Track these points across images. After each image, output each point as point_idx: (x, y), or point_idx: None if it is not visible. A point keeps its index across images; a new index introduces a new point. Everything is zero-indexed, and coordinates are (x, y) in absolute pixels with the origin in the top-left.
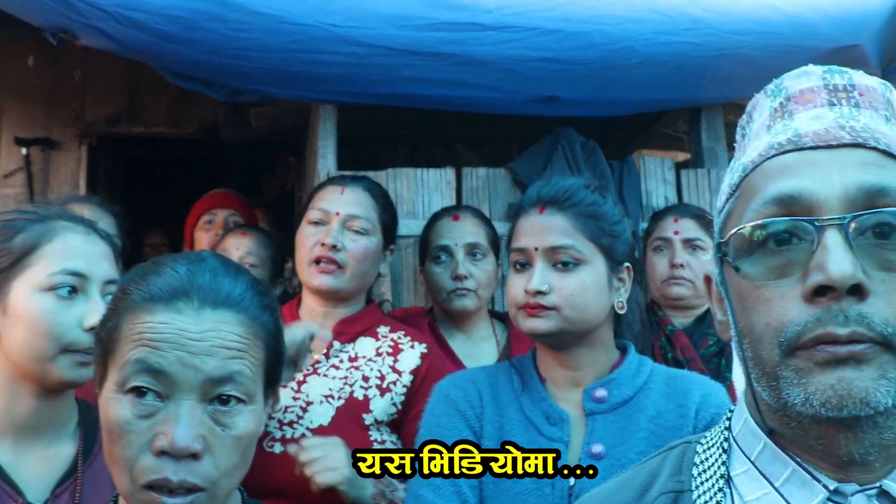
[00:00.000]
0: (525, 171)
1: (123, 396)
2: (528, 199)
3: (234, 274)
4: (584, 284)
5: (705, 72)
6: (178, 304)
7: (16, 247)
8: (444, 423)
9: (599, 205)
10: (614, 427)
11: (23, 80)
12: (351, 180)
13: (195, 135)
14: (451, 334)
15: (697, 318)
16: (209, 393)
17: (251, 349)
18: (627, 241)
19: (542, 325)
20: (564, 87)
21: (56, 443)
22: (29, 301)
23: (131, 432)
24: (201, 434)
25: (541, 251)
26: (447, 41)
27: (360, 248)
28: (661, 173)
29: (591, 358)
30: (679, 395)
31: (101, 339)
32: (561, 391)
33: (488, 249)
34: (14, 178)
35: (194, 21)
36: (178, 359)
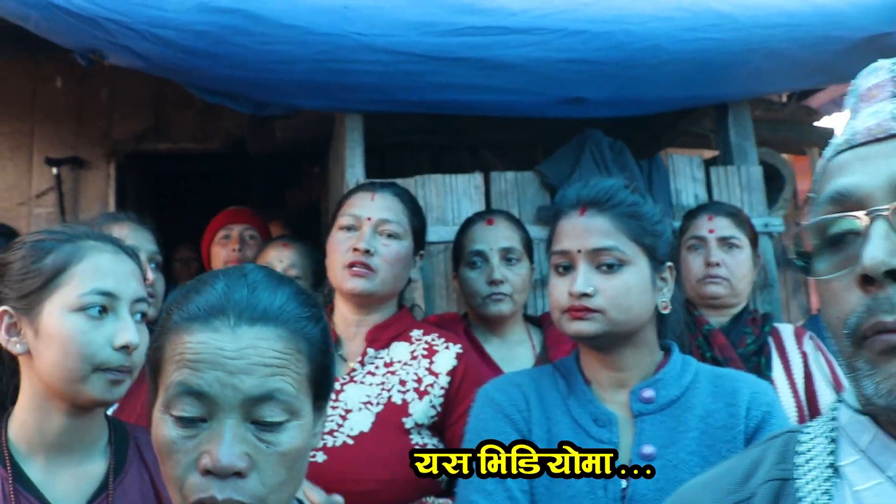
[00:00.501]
0: (553, 173)
1: (169, 417)
2: (567, 201)
3: (276, 286)
4: (629, 285)
5: (732, 67)
6: (215, 322)
7: (46, 268)
8: (491, 427)
9: (640, 204)
10: (663, 427)
11: (52, 101)
12: (380, 186)
13: (221, 149)
14: (486, 339)
15: (734, 317)
16: (250, 411)
17: (292, 364)
18: (669, 240)
19: (587, 327)
20: (591, 88)
21: (87, 460)
22: (60, 322)
23: (178, 451)
24: (245, 452)
25: (584, 253)
26: (472, 46)
27: (391, 252)
28: (690, 171)
29: (636, 359)
30: (727, 393)
31: (150, 359)
32: (607, 393)
33: (523, 253)
34: (46, 197)
35: (220, 36)
36: (216, 379)
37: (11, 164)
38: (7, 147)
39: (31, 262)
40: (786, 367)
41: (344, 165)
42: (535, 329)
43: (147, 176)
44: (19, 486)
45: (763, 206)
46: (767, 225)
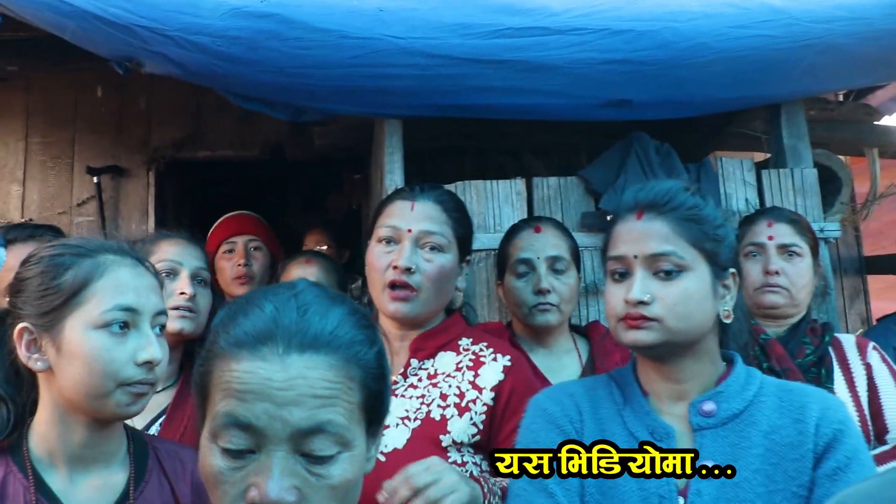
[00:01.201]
0: (598, 178)
1: (216, 447)
2: (624, 205)
3: (327, 307)
4: (688, 293)
5: (785, 65)
6: (263, 349)
7: (66, 284)
8: (542, 439)
9: (701, 208)
10: (725, 443)
11: (92, 110)
12: (420, 192)
13: (260, 156)
14: (531, 349)
15: (792, 327)
16: (300, 444)
17: (344, 393)
18: (732, 245)
19: (644, 337)
20: (636, 90)
21: (107, 471)
22: (83, 339)
23: (225, 482)
24: (295, 486)
25: (640, 259)
26: (512, 48)
27: (435, 267)
28: (741, 175)
29: (697, 370)
30: (794, 409)
31: (196, 383)
32: (665, 405)
33: (570, 262)
34: (86, 206)
35: (255, 41)
36: (264, 411)
37: (53, 173)
38: (49, 156)
39: (50, 278)
40: (848, 380)
41: (383, 172)
42: (581, 339)
43: (186, 184)
44: (41, 497)
45: (818, 210)
46: (823, 230)
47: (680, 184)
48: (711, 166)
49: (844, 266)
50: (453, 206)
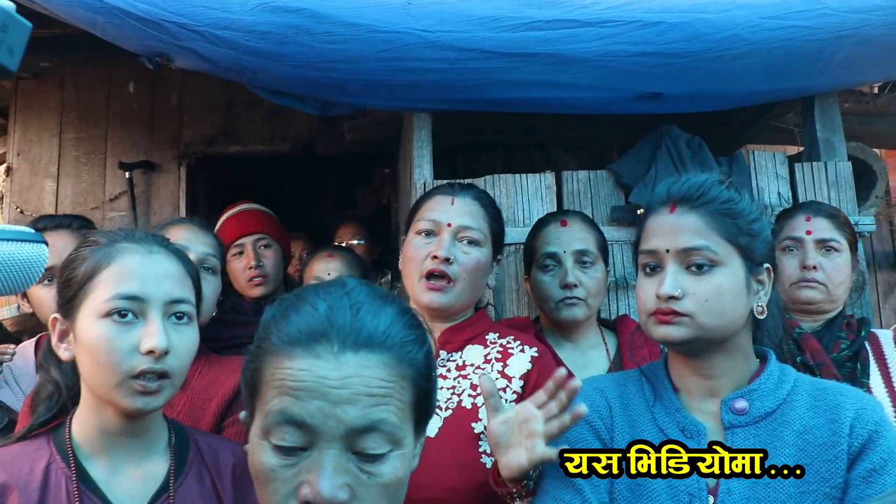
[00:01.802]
0: (628, 172)
1: (267, 444)
2: (657, 198)
3: (379, 306)
4: (721, 288)
5: (820, 57)
6: (317, 348)
7: (80, 274)
8: (572, 435)
9: (735, 201)
10: (757, 442)
11: (124, 106)
12: (460, 189)
13: (290, 151)
14: (558, 344)
15: (827, 322)
16: (353, 442)
17: (397, 392)
18: (767, 240)
19: (675, 332)
20: (667, 83)
21: (147, 461)
22: (90, 329)
23: (277, 479)
24: (346, 483)
25: (672, 253)
26: (542, 40)
27: (472, 260)
28: (773, 168)
29: (729, 366)
30: (829, 408)
31: (246, 379)
32: (696, 402)
33: (598, 256)
34: (119, 201)
35: (284, 35)
36: (318, 409)
37: (86, 168)
38: (82, 152)
39: (70, 269)
40: (884, 375)
41: (412, 166)
42: (609, 333)
43: (217, 179)
44: (83, 486)
45: (853, 203)
46: (858, 224)
47: (714, 177)
48: (743, 159)
49: (878, 260)
50: (490, 203)
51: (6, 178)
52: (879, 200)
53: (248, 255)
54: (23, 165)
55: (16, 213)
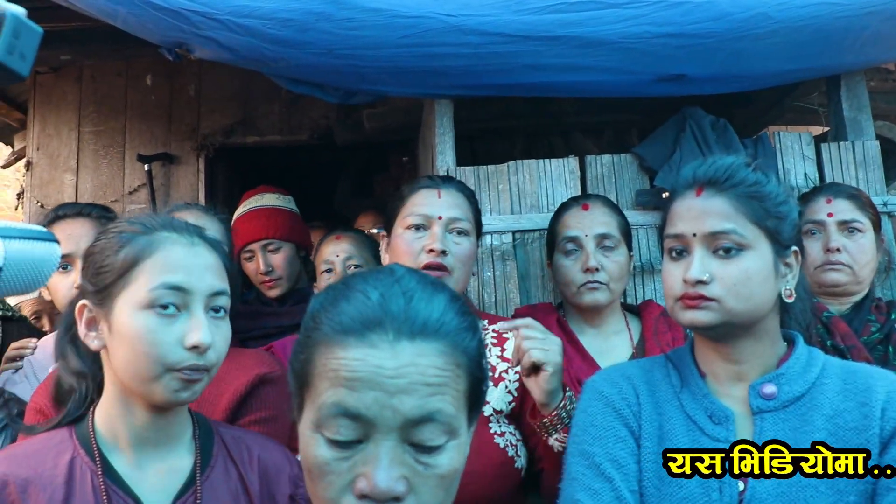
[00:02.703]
0: (652, 155)
1: (320, 437)
2: (683, 181)
3: (431, 293)
4: (748, 272)
5: (847, 34)
6: (372, 336)
7: (118, 262)
8: (600, 423)
9: (763, 184)
10: (787, 427)
11: (142, 98)
12: (443, 182)
13: (308, 140)
14: (581, 329)
15: (855, 305)
16: (409, 433)
17: (452, 381)
18: (794, 222)
19: (702, 317)
20: (692, 64)
21: (172, 455)
22: (131, 319)
23: (331, 473)
24: (403, 475)
25: (699, 237)
26: (566, 23)
27: (464, 250)
28: (800, 149)
29: (757, 351)
30: (860, 391)
31: (295, 370)
32: (723, 387)
33: (620, 240)
34: (138, 193)
35: (305, 22)
36: (374, 400)
37: (105, 161)
38: (101, 145)
39: (106, 255)
40: None
41: (434, 153)
42: (633, 318)
43: (236, 169)
44: (108, 480)
45: (881, 183)
46: (886, 204)
47: (741, 159)
48: (769, 141)
49: None
50: (470, 194)
51: (26, 173)
52: None
53: (258, 261)
54: (42, 160)
55: (36, 207)
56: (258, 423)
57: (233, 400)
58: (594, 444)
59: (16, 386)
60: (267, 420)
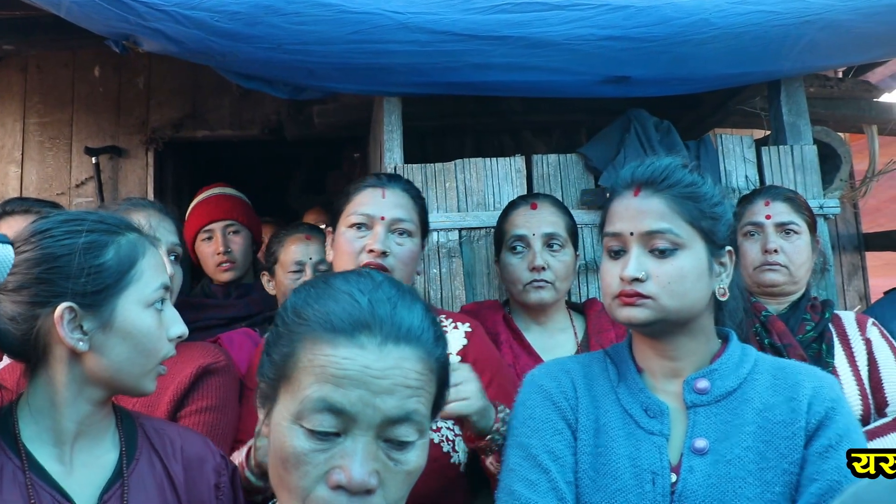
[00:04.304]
0: (597, 155)
1: (300, 428)
2: (621, 181)
3: (410, 302)
4: (683, 271)
5: (785, 41)
6: (361, 338)
7: (112, 262)
8: (538, 415)
9: (699, 185)
10: (718, 420)
11: (90, 90)
12: (389, 181)
13: (259, 135)
14: (527, 326)
15: (792, 304)
16: (385, 430)
17: (426, 385)
18: (729, 223)
19: (638, 314)
20: (635, 66)
21: (98, 448)
22: (140, 318)
23: (308, 463)
24: (376, 470)
25: (636, 236)
26: (513, 23)
27: (406, 251)
28: (741, 151)
29: (691, 347)
30: (788, 387)
31: (274, 362)
32: (659, 382)
33: (567, 240)
34: (85, 187)
35: (253, 16)
36: (359, 398)
37: (51, 154)
38: (47, 137)
39: (92, 256)
40: (848, 355)
41: (382, 150)
42: (577, 316)
43: (185, 164)
44: (34, 476)
45: (818, 187)
46: (823, 207)
47: (678, 160)
48: (711, 143)
49: (843, 243)
50: (417, 193)
51: None
52: (844, 183)
53: (217, 240)
54: None
55: None
56: (202, 411)
57: (177, 392)
58: (532, 436)
59: None
60: (211, 409)
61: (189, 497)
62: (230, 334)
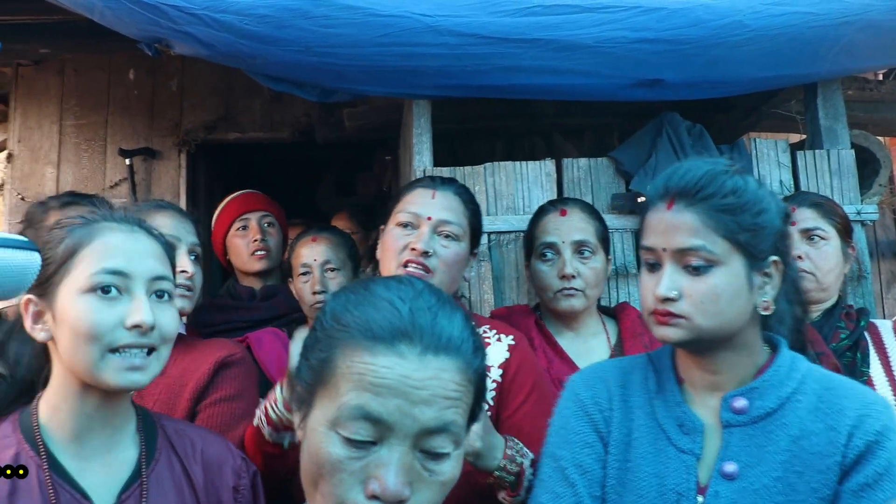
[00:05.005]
0: (628, 159)
1: (336, 435)
2: (656, 191)
3: (450, 312)
4: (717, 289)
5: (823, 43)
6: (401, 347)
7: (59, 252)
8: (571, 426)
9: (740, 193)
10: (752, 444)
11: (125, 93)
12: (441, 183)
13: (289, 138)
14: (558, 332)
15: (825, 312)
16: (421, 441)
17: (464, 396)
18: (774, 231)
19: (672, 334)
20: (668, 69)
21: (117, 447)
22: (72, 304)
23: (343, 471)
24: (410, 480)
25: (669, 252)
26: (543, 26)
27: (451, 253)
28: (776, 156)
29: (734, 361)
30: (831, 412)
31: (312, 366)
32: (699, 395)
33: (597, 246)
34: (119, 188)
35: (282, 19)
36: (397, 407)
37: (87, 155)
38: (83, 139)
39: (49, 249)
40: (885, 364)
41: (411, 153)
42: (609, 321)
43: (217, 165)
44: (54, 474)
45: (855, 192)
46: (860, 212)
47: (718, 166)
48: (745, 147)
49: (882, 250)
50: (470, 198)
51: (7, 165)
52: (883, 189)
53: (253, 228)
54: (23, 152)
55: (17, 199)
56: (221, 401)
57: (197, 387)
58: (563, 447)
59: None
60: (229, 398)
61: (208, 499)
62: (258, 334)
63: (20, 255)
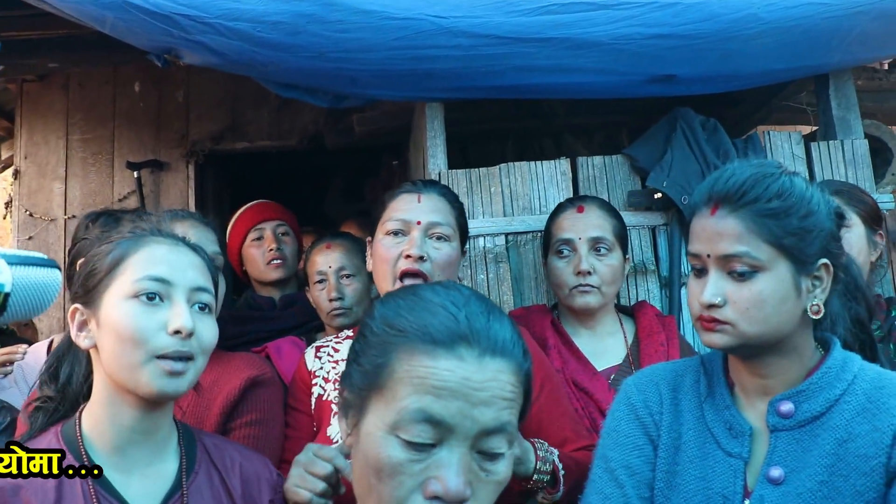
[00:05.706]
0: (644, 156)
1: (395, 439)
2: (700, 196)
3: (500, 316)
4: (763, 295)
5: (836, 34)
6: (461, 350)
7: (106, 263)
8: (622, 429)
9: (784, 197)
10: (798, 448)
11: (131, 105)
12: (424, 186)
13: (298, 146)
14: (575, 331)
15: None
16: (479, 441)
17: (518, 397)
18: (823, 233)
19: (717, 340)
20: (683, 64)
21: (158, 459)
22: (116, 309)
23: (403, 473)
24: (470, 480)
25: (713, 259)
26: (557, 24)
27: (444, 255)
28: (789, 148)
29: (783, 366)
30: (878, 413)
31: (367, 371)
32: (749, 398)
33: (614, 243)
34: (128, 201)
35: (296, 25)
36: (458, 409)
37: (94, 169)
38: (90, 153)
39: (96, 260)
40: None
41: (425, 156)
42: (627, 319)
43: (225, 175)
44: (97, 485)
45: (870, 181)
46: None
47: (763, 170)
48: (759, 141)
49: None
50: (454, 198)
51: (14, 182)
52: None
53: (269, 238)
54: (30, 168)
55: (25, 216)
56: (251, 424)
57: (226, 404)
58: (614, 448)
59: (4, 391)
60: (259, 422)
61: None
62: (277, 343)
63: (40, 273)
